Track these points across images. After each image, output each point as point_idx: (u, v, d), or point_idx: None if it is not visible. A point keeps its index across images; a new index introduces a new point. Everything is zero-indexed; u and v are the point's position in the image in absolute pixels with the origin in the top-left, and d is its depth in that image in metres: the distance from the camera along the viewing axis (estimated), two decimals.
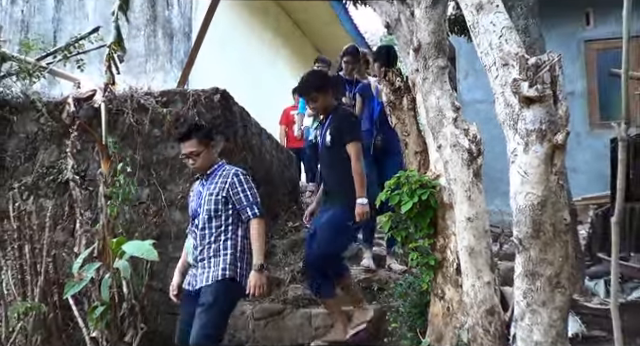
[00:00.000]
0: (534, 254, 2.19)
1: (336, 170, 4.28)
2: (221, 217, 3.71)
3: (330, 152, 4.31)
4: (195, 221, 3.79)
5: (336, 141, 4.24)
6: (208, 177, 3.78)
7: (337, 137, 4.24)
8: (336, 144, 4.24)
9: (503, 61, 2.33)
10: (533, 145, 2.17)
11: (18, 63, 5.42)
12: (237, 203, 3.72)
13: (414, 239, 3.80)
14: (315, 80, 4.41)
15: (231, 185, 3.71)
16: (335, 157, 4.27)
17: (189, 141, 3.76)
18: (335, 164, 4.30)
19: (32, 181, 5.17)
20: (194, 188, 3.96)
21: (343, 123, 4.28)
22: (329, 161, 4.38)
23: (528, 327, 2.21)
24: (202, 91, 5.26)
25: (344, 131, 4.24)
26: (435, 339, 3.61)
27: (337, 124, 4.28)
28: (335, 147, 4.25)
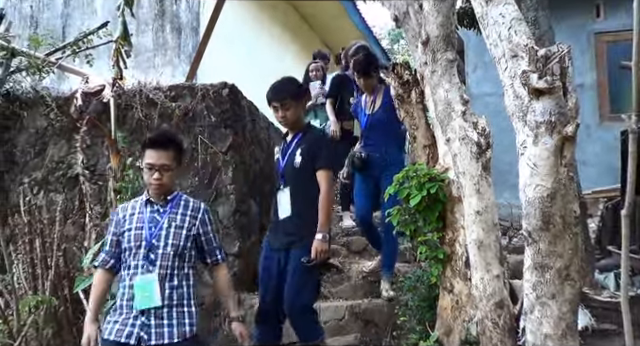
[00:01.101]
0: (543, 246, 2.19)
1: (303, 196, 3.76)
2: (185, 257, 3.11)
3: (297, 175, 3.78)
4: (147, 254, 3.05)
5: (307, 164, 3.75)
6: (167, 203, 3.15)
7: (308, 160, 3.75)
8: (306, 167, 3.75)
9: (512, 53, 2.31)
10: (542, 137, 2.15)
11: (27, 58, 5.44)
12: (206, 243, 3.21)
13: (423, 233, 3.80)
14: (292, 87, 3.93)
15: (202, 222, 3.19)
16: (303, 182, 3.76)
17: (165, 151, 3.11)
18: (302, 190, 3.76)
19: (42, 176, 5.20)
20: (128, 208, 3.22)
21: (318, 146, 3.80)
22: (294, 186, 3.79)
23: (537, 320, 2.20)
24: (210, 85, 5.26)
25: (318, 155, 3.75)
26: (444, 332, 3.61)
27: (310, 145, 3.78)
28: (304, 171, 3.75)
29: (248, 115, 5.65)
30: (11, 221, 4.64)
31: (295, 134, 3.87)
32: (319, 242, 3.62)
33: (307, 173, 3.74)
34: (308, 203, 3.71)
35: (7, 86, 5.42)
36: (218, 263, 3.28)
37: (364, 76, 4.90)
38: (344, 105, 6.23)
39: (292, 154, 3.81)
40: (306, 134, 3.86)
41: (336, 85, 6.39)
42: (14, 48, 5.37)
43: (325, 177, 3.73)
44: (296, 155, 3.79)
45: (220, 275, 3.31)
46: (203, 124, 5.17)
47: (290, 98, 3.80)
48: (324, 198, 3.69)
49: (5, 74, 5.38)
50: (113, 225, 3.20)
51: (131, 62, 5.16)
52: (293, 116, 3.82)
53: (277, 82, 3.91)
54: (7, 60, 5.36)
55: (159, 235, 3.06)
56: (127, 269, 3.08)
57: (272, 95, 3.82)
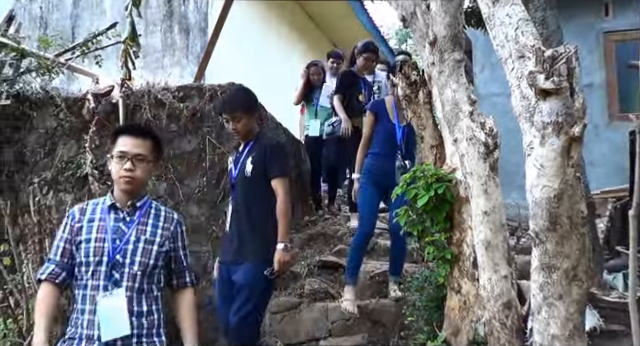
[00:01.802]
0: (550, 247, 2.18)
1: (256, 207, 3.60)
2: (155, 277, 2.61)
3: (250, 184, 3.62)
4: (109, 273, 2.53)
5: (259, 173, 3.59)
6: (135, 211, 2.63)
7: (261, 168, 3.58)
8: (259, 176, 3.59)
9: (519, 53, 2.31)
10: (549, 138, 2.15)
11: (37, 59, 5.50)
12: (175, 262, 2.70)
13: (430, 233, 3.80)
14: (244, 98, 3.73)
15: (175, 236, 2.70)
16: (255, 191, 3.61)
17: (142, 140, 2.66)
18: (255, 200, 3.61)
19: (52, 176, 5.24)
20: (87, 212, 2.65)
21: (271, 153, 3.63)
22: (246, 195, 3.63)
23: (545, 320, 2.20)
24: (218, 86, 5.28)
25: (272, 163, 3.60)
26: (452, 333, 3.61)
27: (263, 153, 3.61)
28: (256, 179, 3.59)
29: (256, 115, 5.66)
30: (21, 221, 4.67)
31: (247, 143, 3.71)
32: (281, 253, 3.47)
33: (259, 182, 3.58)
34: (262, 213, 3.57)
35: (17, 87, 5.47)
36: (186, 286, 2.73)
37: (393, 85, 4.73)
38: (352, 102, 6.18)
39: (243, 163, 3.65)
40: (257, 142, 3.69)
41: (344, 81, 6.30)
42: (24, 49, 5.43)
43: (281, 185, 3.58)
44: (247, 163, 3.62)
45: (185, 301, 2.72)
46: (211, 124, 5.19)
47: (241, 110, 3.63)
48: (282, 207, 3.52)
49: (15, 75, 5.43)
50: (67, 231, 2.61)
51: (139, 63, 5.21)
52: (245, 127, 3.65)
53: (228, 93, 3.77)
54: (17, 61, 5.42)
55: (125, 250, 2.53)
56: (83, 289, 2.52)
57: (223, 107, 3.71)
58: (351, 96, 6.21)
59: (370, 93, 6.20)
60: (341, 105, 6.20)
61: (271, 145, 3.69)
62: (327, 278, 5.17)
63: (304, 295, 4.91)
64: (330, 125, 6.33)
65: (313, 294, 4.90)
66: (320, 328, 4.63)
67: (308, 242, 5.77)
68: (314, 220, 6.39)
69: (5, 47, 5.36)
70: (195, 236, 5.00)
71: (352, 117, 6.16)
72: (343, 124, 6.13)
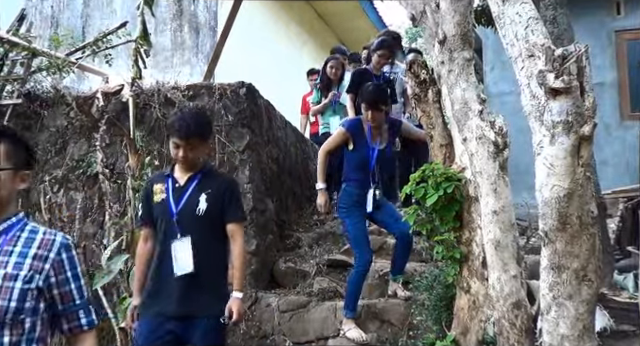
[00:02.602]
0: (560, 247, 2.18)
1: (209, 250, 3.11)
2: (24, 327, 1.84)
3: (203, 225, 3.10)
4: None
5: (216, 213, 3.12)
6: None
7: (218, 208, 3.12)
8: (215, 217, 3.12)
9: (529, 52, 2.30)
10: (559, 137, 2.14)
11: (48, 58, 5.53)
12: (62, 301, 1.93)
13: (439, 232, 3.79)
14: (204, 123, 3.20)
15: (55, 266, 1.91)
16: (209, 234, 3.12)
17: None
18: (209, 242, 3.11)
19: (62, 174, 5.27)
20: None
21: (231, 193, 3.19)
22: (200, 236, 3.08)
23: (554, 320, 2.19)
24: (228, 85, 5.30)
25: (231, 204, 3.15)
26: (461, 332, 3.60)
27: (221, 192, 3.15)
28: (211, 220, 3.12)
29: (265, 114, 5.67)
30: (32, 219, 4.71)
31: (193, 175, 3.16)
32: (238, 302, 3.04)
33: (214, 223, 3.12)
34: (215, 258, 3.13)
35: (28, 86, 5.51)
36: (82, 331, 1.98)
37: (373, 109, 4.39)
38: None
39: (192, 198, 3.11)
40: (208, 176, 3.19)
41: (357, 80, 6.06)
42: (35, 48, 5.46)
43: (240, 230, 3.17)
44: (200, 201, 3.10)
45: None
46: (220, 123, 5.20)
47: (199, 137, 3.10)
48: (241, 254, 3.13)
49: (26, 74, 5.47)
50: None
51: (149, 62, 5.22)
52: (196, 156, 3.14)
53: (183, 116, 3.15)
54: (28, 60, 5.45)
55: None
56: None
57: (177, 131, 3.08)
58: None
59: None
60: (352, 104, 6.01)
61: (230, 184, 3.26)
62: (336, 277, 5.17)
63: (313, 294, 4.92)
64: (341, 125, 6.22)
65: (322, 293, 4.90)
66: (329, 327, 4.63)
67: (317, 241, 5.76)
68: (323, 219, 6.38)
69: (16, 46, 5.40)
70: None
71: None
72: None
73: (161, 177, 3.25)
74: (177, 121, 3.10)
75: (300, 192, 6.48)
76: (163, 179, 3.21)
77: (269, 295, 4.89)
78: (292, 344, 4.65)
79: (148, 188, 3.25)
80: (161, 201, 3.15)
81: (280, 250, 5.49)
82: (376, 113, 4.37)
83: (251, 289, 4.87)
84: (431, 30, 4.00)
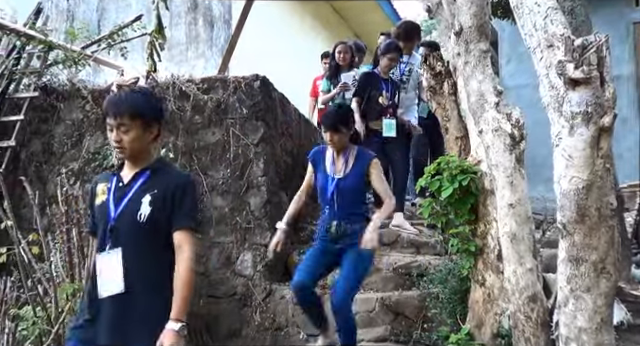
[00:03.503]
0: (578, 239, 2.16)
1: (149, 265, 2.50)
2: None
3: (144, 235, 2.49)
4: None
5: (160, 220, 2.49)
6: None
7: (163, 213, 2.49)
8: (159, 224, 2.49)
9: (548, 42, 2.28)
10: (578, 128, 2.12)
11: (64, 51, 5.56)
12: None
13: (454, 225, 3.78)
14: (143, 101, 2.58)
15: None
16: (151, 246, 2.50)
17: None
18: (149, 255, 2.50)
19: (79, 166, 5.31)
20: None
21: (182, 194, 2.53)
22: (137, 250, 2.49)
23: (572, 313, 2.18)
24: (242, 78, 5.30)
25: (181, 208, 2.51)
26: (475, 325, 3.59)
27: (169, 192, 2.51)
28: (155, 228, 2.49)
29: (279, 107, 5.67)
30: (49, 211, 4.75)
31: (140, 171, 2.56)
32: (171, 336, 2.35)
33: (158, 232, 2.50)
34: (158, 276, 2.50)
35: (45, 79, 5.54)
36: None
37: (332, 131, 3.91)
38: (371, 104, 5.80)
39: (134, 201, 2.51)
40: (158, 173, 2.57)
41: (364, 83, 5.93)
42: (51, 41, 5.49)
43: (189, 240, 2.49)
44: (142, 203, 2.49)
45: None
46: (235, 116, 5.21)
47: (130, 115, 2.47)
48: (184, 272, 2.43)
49: (43, 67, 5.50)
50: None
51: (164, 55, 5.24)
52: (135, 143, 2.49)
53: (120, 93, 2.65)
54: (45, 53, 5.49)
55: None
56: None
57: (106, 108, 2.54)
58: (370, 99, 5.83)
59: (394, 93, 5.79)
60: (358, 108, 5.77)
61: (181, 182, 2.58)
62: None
63: (327, 286, 4.92)
64: None
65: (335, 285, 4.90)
66: None
67: None
68: None
69: (33, 40, 5.44)
70: (219, 227, 5.05)
71: (370, 120, 5.78)
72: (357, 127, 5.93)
73: (107, 176, 2.68)
74: (109, 98, 2.58)
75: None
76: (108, 178, 2.64)
77: (283, 287, 4.90)
78: (306, 336, 4.67)
79: (93, 189, 2.65)
80: (101, 204, 2.57)
81: (294, 242, 5.49)
82: (336, 135, 3.89)
83: (265, 281, 4.88)
84: (447, 22, 3.98)
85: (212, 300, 4.82)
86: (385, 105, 5.70)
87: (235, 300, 4.88)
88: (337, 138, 3.91)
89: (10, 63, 5.34)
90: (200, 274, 4.88)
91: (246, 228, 5.02)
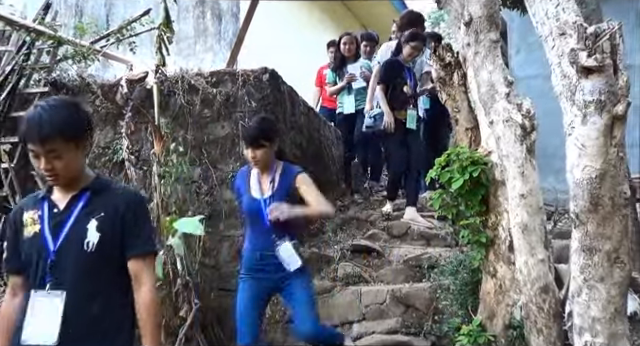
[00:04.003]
0: (592, 228, 2.14)
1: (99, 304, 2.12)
2: None
3: (92, 266, 2.11)
4: None
5: (112, 247, 2.14)
6: None
7: (115, 239, 2.14)
8: (110, 252, 2.14)
9: (560, 31, 2.26)
10: (591, 117, 2.10)
11: (73, 47, 5.58)
12: None
13: (465, 217, 3.76)
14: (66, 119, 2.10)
15: None
16: (103, 278, 2.13)
17: None
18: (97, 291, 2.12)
19: (89, 161, 5.32)
20: None
21: (135, 216, 2.18)
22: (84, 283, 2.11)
23: (585, 303, 2.17)
24: (251, 71, 5.29)
25: (134, 230, 2.17)
26: (487, 317, 3.58)
27: (118, 213, 2.16)
28: (105, 258, 2.13)
29: (288, 100, 5.67)
30: None
31: (78, 194, 2.17)
32: None
33: (110, 260, 2.14)
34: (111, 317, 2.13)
35: (54, 74, 5.56)
36: None
37: (254, 146, 3.55)
38: (396, 93, 5.77)
39: (77, 228, 2.12)
40: (100, 193, 2.18)
41: (388, 71, 5.88)
42: (61, 37, 5.51)
43: (148, 269, 2.16)
44: (88, 229, 2.11)
45: None
46: (244, 110, 5.21)
47: (61, 137, 2.05)
48: (149, 304, 2.12)
49: (52, 62, 5.52)
50: None
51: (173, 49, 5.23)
52: (70, 167, 2.11)
53: (37, 110, 2.09)
54: (54, 48, 5.50)
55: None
56: None
57: (26, 133, 2.08)
58: (395, 87, 5.79)
59: (415, 83, 5.82)
60: (384, 96, 5.76)
61: (132, 200, 2.22)
62: (360, 262, 5.18)
63: (337, 279, 4.93)
64: (371, 117, 5.93)
65: (346, 278, 4.91)
66: (353, 312, 4.64)
67: (341, 227, 5.77)
68: (346, 204, 6.39)
69: (42, 35, 5.45)
70: (229, 220, 5.06)
71: (395, 110, 5.77)
72: (385, 117, 5.69)
73: (33, 201, 2.23)
74: (28, 120, 2.08)
75: (323, 178, 6.48)
76: (37, 203, 2.20)
77: None
78: None
79: (17, 218, 2.21)
80: (33, 235, 2.14)
81: (304, 236, 5.51)
82: (259, 151, 3.52)
83: None
84: (457, 12, 3.94)
85: (223, 293, 4.83)
86: (409, 94, 5.69)
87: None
88: (260, 154, 3.50)
89: (20, 59, 5.36)
90: (211, 267, 4.90)
91: None
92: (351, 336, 4.47)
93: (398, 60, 5.86)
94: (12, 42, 5.53)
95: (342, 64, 6.75)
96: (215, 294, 4.82)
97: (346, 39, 6.71)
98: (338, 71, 6.76)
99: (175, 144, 4.88)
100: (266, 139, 3.53)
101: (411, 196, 5.93)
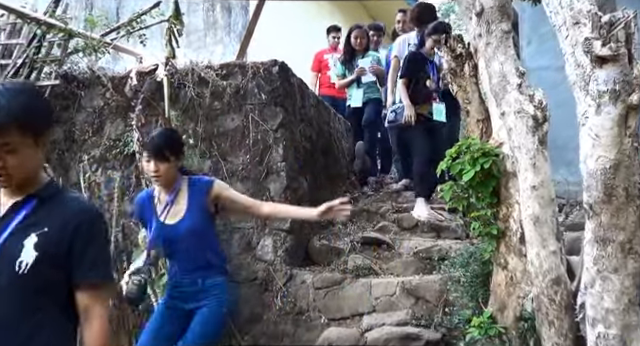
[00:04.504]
0: (605, 219, 2.13)
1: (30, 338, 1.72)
2: None
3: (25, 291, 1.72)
4: None
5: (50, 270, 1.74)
6: None
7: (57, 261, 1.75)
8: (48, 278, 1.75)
9: (574, 20, 2.23)
10: (606, 106, 2.08)
11: (84, 39, 5.59)
12: None
13: (476, 208, 3.75)
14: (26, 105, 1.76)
15: None
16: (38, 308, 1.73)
17: None
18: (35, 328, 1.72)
19: (100, 153, 5.35)
20: None
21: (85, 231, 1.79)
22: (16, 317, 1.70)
23: (598, 294, 2.16)
24: (261, 63, 5.29)
25: (85, 253, 1.78)
26: (498, 309, 3.57)
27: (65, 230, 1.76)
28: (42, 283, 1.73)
29: (298, 92, 5.66)
30: None
31: (23, 200, 1.80)
32: None
33: (49, 288, 1.75)
34: None
35: (65, 67, 5.58)
36: None
37: (157, 159, 3.13)
38: (418, 87, 5.65)
39: (12, 242, 1.73)
40: (49, 202, 1.81)
41: (411, 64, 5.74)
42: (71, 29, 5.52)
43: (99, 301, 1.77)
44: (24, 246, 1.72)
45: None
46: (254, 102, 5.21)
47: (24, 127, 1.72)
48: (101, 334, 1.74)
49: (63, 55, 5.54)
50: None
51: (182, 41, 5.25)
52: (26, 166, 1.76)
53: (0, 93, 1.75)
54: (65, 41, 5.52)
55: None
56: None
57: None
58: (417, 81, 5.66)
59: (438, 76, 5.65)
60: (406, 90, 5.61)
61: (85, 219, 1.81)
62: (370, 254, 5.18)
63: (347, 271, 4.93)
64: (392, 112, 5.83)
65: (356, 270, 4.91)
66: (363, 304, 4.65)
67: (351, 219, 5.76)
68: (356, 197, 6.38)
69: (53, 28, 5.47)
70: None
71: (417, 104, 5.63)
72: (406, 111, 5.56)
73: None
74: None
75: (334, 170, 6.48)
76: None
77: (304, 272, 4.92)
78: (327, 320, 4.69)
79: None
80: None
81: (314, 228, 5.51)
82: (162, 165, 3.07)
83: (286, 266, 4.91)
84: (468, 3, 3.91)
85: (233, 285, 4.84)
86: (432, 88, 5.58)
87: (256, 285, 4.91)
88: (164, 169, 3.02)
89: (31, 51, 5.38)
90: None
91: None
92: (361, 328, 4.49)
93: (421, 53, 5.74)
94: (23, 35, 5.55)
95: (352, 57, 6.72)
96: None
97: (357, 33, 6.67)
98: (347, 64, 6.74)
99: (185, 136, 4.89)
100: (172, 152, 3.05)
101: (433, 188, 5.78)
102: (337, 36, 7.67)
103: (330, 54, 7.47)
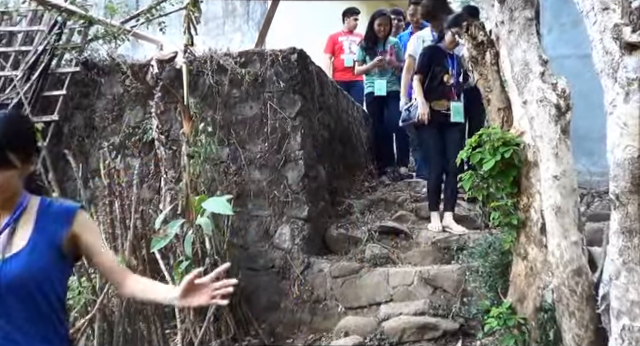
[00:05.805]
0: (632, 210, 2.09)
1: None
2: None
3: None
4: None
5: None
6: None
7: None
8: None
9: (603, 5, 2.18)
10: (634, 94, 2.04)
11: (104, 26, 5.61)
12: None
13: (496, 198, 3.71)
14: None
15: None
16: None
17: None
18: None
19: (120, 141, 5.39)
20: None
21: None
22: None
23: (624, 286, 2.13)
24: (280, 51, 5.27)
25: None
26: (517, 299, 3.55)
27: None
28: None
29: (317, 80, 5.64)
30: (92, 184, 4.84)
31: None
32: None
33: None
34: None
35: (85, 54, 5.61)
36: None
37: None
38: (434, 83, 5.34)
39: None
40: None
41: (427, 58, 5.43)
42: (92, 17, 5.54)
43: None
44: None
45: None
46: (272, 90, 5.20)
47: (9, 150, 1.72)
48: None
49: (84, 42, 5.56)
50: None
51: (201, 29, 5.23)
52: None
53: None
54: (85, 28, 5.54)
55: None
56: None
57: None
58: (434, 76, 5.36)
59: (459, 71, 5.36)
60: (420, 86, 5.32)
61: None
62: (387, 243, 5.17)
63: (365, 260, 4.93)
64: (406, 110, 5.57)
65: (374, 259, 4.91)
66: (380, 293, 4.65)
67: (369, 208, 5.75)
68: (374, 186, 6.36)
69: (74, 15, 5.49)
70: (257, 200, 5.08)
71: (432, 100, 5.30)
72: (419, 109, 5.23)
73: None
74: None
75: (352, 159, 6.46)
76: None
77: (321, 261, 4.93)
78: (344, 309, 4.70)
79: None
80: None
81: (332, 216, 5.51)
82: None
83: (303, 254, 4.91)
84: None
85: (251, 273, 4.87)
86: (450, 84, 5.31)
87: (273, 273, 4.93)
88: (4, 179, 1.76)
89: (52, 38, 5.41)
90: (239, 247, 4.94)
91: (284, 202, 5.04)
92: (378, 317, 4.49)
93: (439, 47, 5.45)
94: (44, 22, 5.58)
95: (375, 44, 6.65)
96: (243, 273, 4.85)
97: (381, 20, 6.55)
98: (369, 50, 6.66)
99: (204, 124, 4.90)
100: (15, 151, 1.77)
101: (449, 200, 5.34)
102: (356, 19, 7.59)
103: (345, 36, 7.38)
